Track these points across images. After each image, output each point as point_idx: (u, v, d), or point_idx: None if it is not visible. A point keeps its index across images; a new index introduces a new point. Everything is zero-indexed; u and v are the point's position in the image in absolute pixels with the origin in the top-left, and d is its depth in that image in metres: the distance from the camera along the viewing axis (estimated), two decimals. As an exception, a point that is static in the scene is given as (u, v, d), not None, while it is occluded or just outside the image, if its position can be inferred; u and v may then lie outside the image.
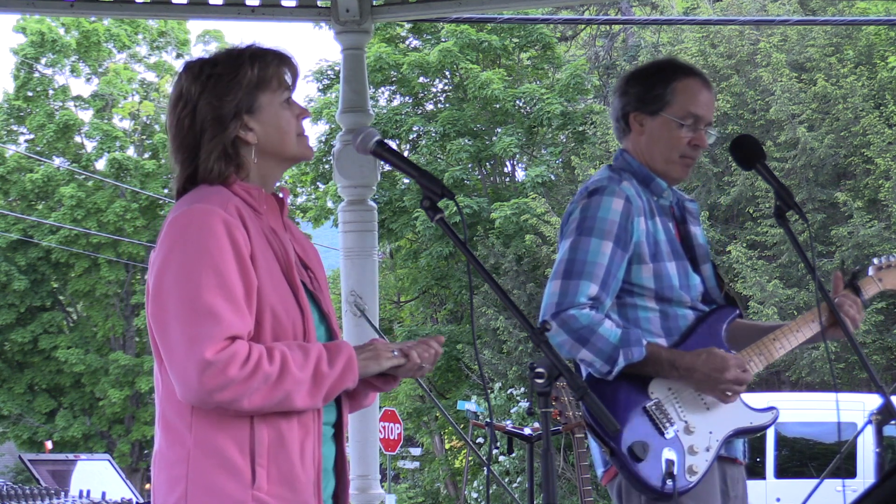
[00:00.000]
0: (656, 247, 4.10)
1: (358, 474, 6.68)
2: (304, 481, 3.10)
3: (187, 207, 3.10)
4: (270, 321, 3.09)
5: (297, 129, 3.26)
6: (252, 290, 3.06)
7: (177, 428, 3.08)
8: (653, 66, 4.29)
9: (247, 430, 3.05)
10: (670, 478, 3.92)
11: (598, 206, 4.06)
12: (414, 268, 28.58)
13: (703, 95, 4.18)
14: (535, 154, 27.98)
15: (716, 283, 4.23)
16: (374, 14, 6.78)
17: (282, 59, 3.26)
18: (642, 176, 4.17)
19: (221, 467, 3.03)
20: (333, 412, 3.26)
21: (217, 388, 2.97)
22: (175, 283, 3.03)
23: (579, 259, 4.03)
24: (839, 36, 23.48)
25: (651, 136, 4.18)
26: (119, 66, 36.06)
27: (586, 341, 3.97)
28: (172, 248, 3.06)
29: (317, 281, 3.31)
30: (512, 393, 24.85)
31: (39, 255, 34.41)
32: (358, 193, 6.74)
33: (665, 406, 4.04)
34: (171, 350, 3.02)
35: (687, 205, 4.28)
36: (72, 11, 7.17)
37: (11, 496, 5.70)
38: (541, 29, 27.96)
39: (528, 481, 5.87)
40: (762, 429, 4.15)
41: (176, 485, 3.06)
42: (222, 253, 3.04)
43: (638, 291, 4.08)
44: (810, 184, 22.43)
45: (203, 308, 2.99)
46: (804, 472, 16.82)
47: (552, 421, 3.27)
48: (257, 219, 3.17)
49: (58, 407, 34.93)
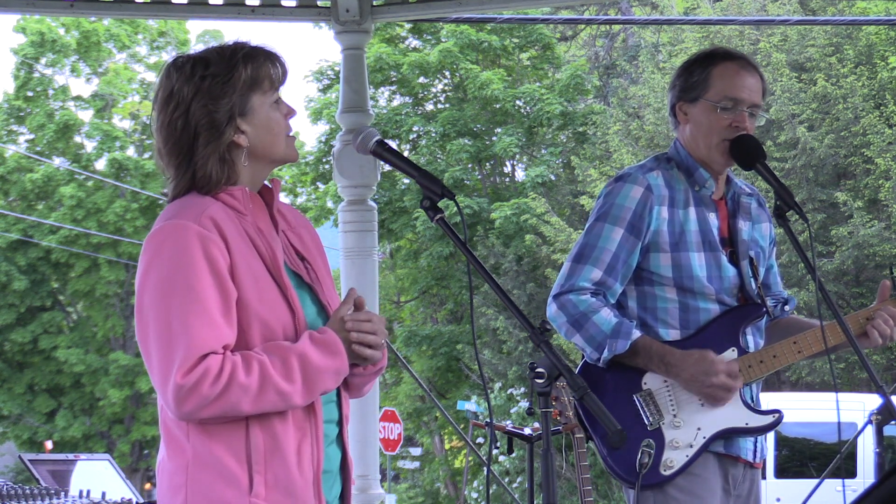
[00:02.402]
0: (681, 236, 4.12)
1: (358, 474, 6.68)
2: (301, 485, 3.09)
3: (162, 224, 3.10)
4: (259, 328, 3.07)
5: (285, 130, 3.23)
6: (230, 303, 3.04)
7: (176, 437, 3.10)
8: (697, 55, 4.32)
9: (242, 436, 3.05)
10: (643, 468, 3.94)
11: (619, 192, 4.15)
12: (414, 268, 28.57)
13: (741, 78, 4.19)
14: (535, 154, 27.98)
15: (752, 280, 4.23)
16: (374, 14, 6.78)
17: (271, 57, 3.22)
18: (686, 166, 4.21)
19: (219, 476, 3.03)
20: (335, 409, 3.25)
21: (195, 408, 2.99)
22: (151, 306, 3.04)
23: (590, 243, 4.14)
24: (839, 36, 23.46)
25: (694, 124, 4.22)
26: (119, 66, 36.05)
27: (581, 327, 4.07)
28: (149, 269, 3.06)
29: (314, 271, 3.27)
30: (512, 393, 24.85)
31: (39, 255, 34.40)
32: (358, 193, 6.73)
33: (657, 397, 4.07)
34: (153, 373, 3.05)
35: (742, 199, 4.28)
36: (72, 11, 7.16)
37: (11, 496, 5.70)
38: (541, 29, 27.95)
39: (528, 481, 5.86)
40: (759, 431, 4.13)
41: (177, 493, 3.07)
42: (196, 270, 3.02)
43: (657, 280, 4.12)
44: (810, 184, 22.42)
45: (176, 330, 2.99)
46: (804, 472, 16.82)
47: (552, 421, 3.27)
48: (240, 221, 3.14)
49: (58, 407, 34.92)
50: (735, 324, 4.14)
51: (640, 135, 24.18)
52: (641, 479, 3.96)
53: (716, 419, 4.07)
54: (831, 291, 20.15)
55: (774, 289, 4.41)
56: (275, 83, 3.21)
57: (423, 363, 27.60)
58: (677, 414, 4.05)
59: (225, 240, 3.07)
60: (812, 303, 20.02)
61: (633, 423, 4.03)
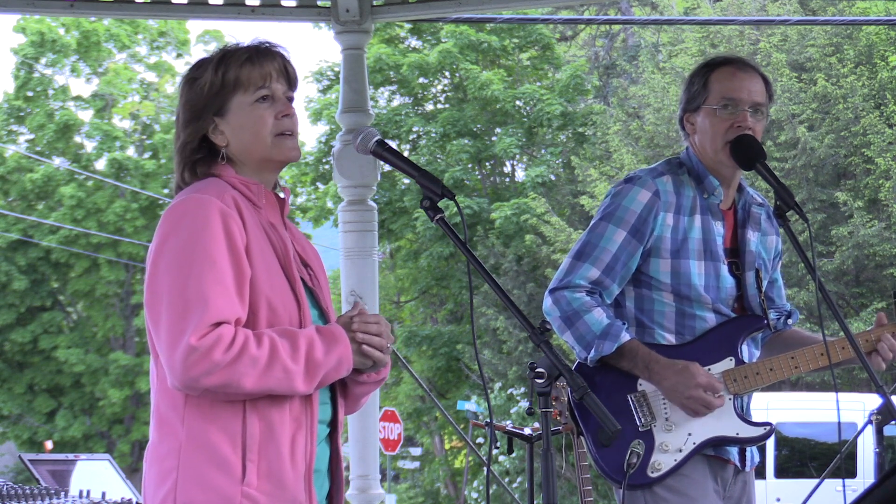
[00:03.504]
0: (683, 243, 4.13)
1: (358, 474, 6.68)
2: (292, 478, 3.09)
3: (185, 196, 3.12)
4: (266, 311, 3.09)
5: (275, 130, 3.21)
6: (244, 280, 3.07)
7: (170, 420, 3.09)
8: (696, 67, 4.34)
9: (239, 422, 3.05)
10: (630, 468, 3.94)
11: (626, 194, 4.16)
12: (414, 268, 28.56)
13: (738, 80, 4.20)
14: (535, 154, 27.98)
15: (756, 291, 4.23)
16: (374, 14, 6.78)
17: (258, 56, 3.21)
18: (697, 173, 4.22)
19: (212, 461, 3.03)
20: (329, 410, 3.25)
21: (203, 373, 2.98)
22: (167, 272, 3.05)
23: (592, 242, 4.15)
24: (839, 36, 23.46)
25: (700, 131, 4.24)
26: (119, 66, 36.03)
27: (572, 324, 4.09)
28: (167, 238, 3.08)
29: (316, 279, 3.30)
30: (512, 393, 24.85)
31: (39, 255, 34.39)
32: (358, 193, 6.73)
33: (650, 399, 4.08)
34: (160, 338, 3.04)
35: (753, 209, 4.29)
36: (72, 11, 7.16)
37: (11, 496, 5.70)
38: (540, 29, 27.95)
39: (528, 481, 5.86)
40: (749, 442, 4.14)
41: (166, 477, 3.06)
42: (216, 242, 3.04)
43: (655, 285, 4.13)
44: (810, 184, 22.42)
45: (193, 295, 3.00)
46: (804, 472, 16.82)
47: (552, 421, 3.27)
48: (255, 212, 3.17)
49: (58, 407, 34.90)
50: (734, 334, 4.15)
51: (640, 135, 24.19)
52: (628, 478, 3.98)
53: (707, 427, 4.08)
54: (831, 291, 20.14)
55: (778, 302, 4.41)
56: (259, 82, 3.19)
57: (423, 363, 27.60)
58: (669, 417, 4.06)
59: (243, 219, 3.11)
60: (812, 303, 20.02)
61: (624, 422, 4.03)
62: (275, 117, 3.20)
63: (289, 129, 3.22)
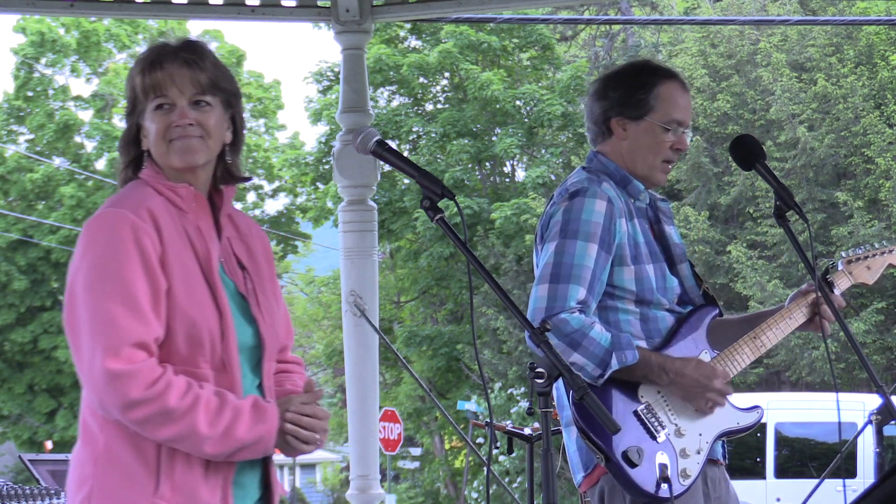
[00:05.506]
0: (636, 249, 4.08)
1: (358, 474, 6.67)
2: (206, 493, 3.06)
3: (100, 211, 3.11)
4: (184, 324, 3.05)
5: (168, 136, 3.14)
6: (159, 295, 3.03)
7: (90, 428, 3.09)
8: (632, 68, 4.25)
9: (152, 442, 3.04)
10: (665, 482, 3.91)
11: (582, 208, 4.03)
12: (414, 268, 28.57)
13: (683, 99, 4.18)
14: (536, 154, 27.98)
15: (694, 282, 4.21)
16: (374, 14, 6.78)
17: (154, 66, 3.14)
18: (619, 178, 4.14)
19: (125, 474, 3.03)
20: None
21: (117, 406, 2.97)
22: (81, 292, 3.05)
23: (566, 262, 4.00)
24: (839, 36, 23.47)
25: (635, 142, 4.15)
26: (119, 66, 36.03)
27: (578, 345, 3.93)
28: (83, 255, 3.07)
29: (252, 282, 3.22)
30: (512, 393, 24.85)
31: (39, 255, 34.40)
32: (358, 193, 6.73)
33: (656, 410, 4.02)
34: (79, 359, 3.04)
35: (660, 204, 4.25)
36: (72, 11, 7.17)
37: (11, 496, 5.70)
38: (540, 29, 27.95)
39: (528, 481, 5.87)
40: (748, 429, 4.14)
41: (84, 483, 3.07)
42: (127, 259, 3.02)
43: (619, 294, 4.06)
44: (810, 184, 22.43)
45: (103, 317, 2.99)
46: (804, 472, 16.83)
47: (552, 421, 3.27)
48: (180, 218, 3.12)
49: (58, 407, 34.92)
50: (697, 327, 4.12)
51: (640, 135, 24.18)
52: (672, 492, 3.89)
53: (711, 423, 4.06)
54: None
55: None
56: (153, 92, 3.13)
57: (423, 363, 27.60)
58: (678, 422, 4.03)
59: (159, 231, 3.07)
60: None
61: (643, 439, 3.95)
62: (168, 125, 3.13)
63: (179, 136, 3.13)
